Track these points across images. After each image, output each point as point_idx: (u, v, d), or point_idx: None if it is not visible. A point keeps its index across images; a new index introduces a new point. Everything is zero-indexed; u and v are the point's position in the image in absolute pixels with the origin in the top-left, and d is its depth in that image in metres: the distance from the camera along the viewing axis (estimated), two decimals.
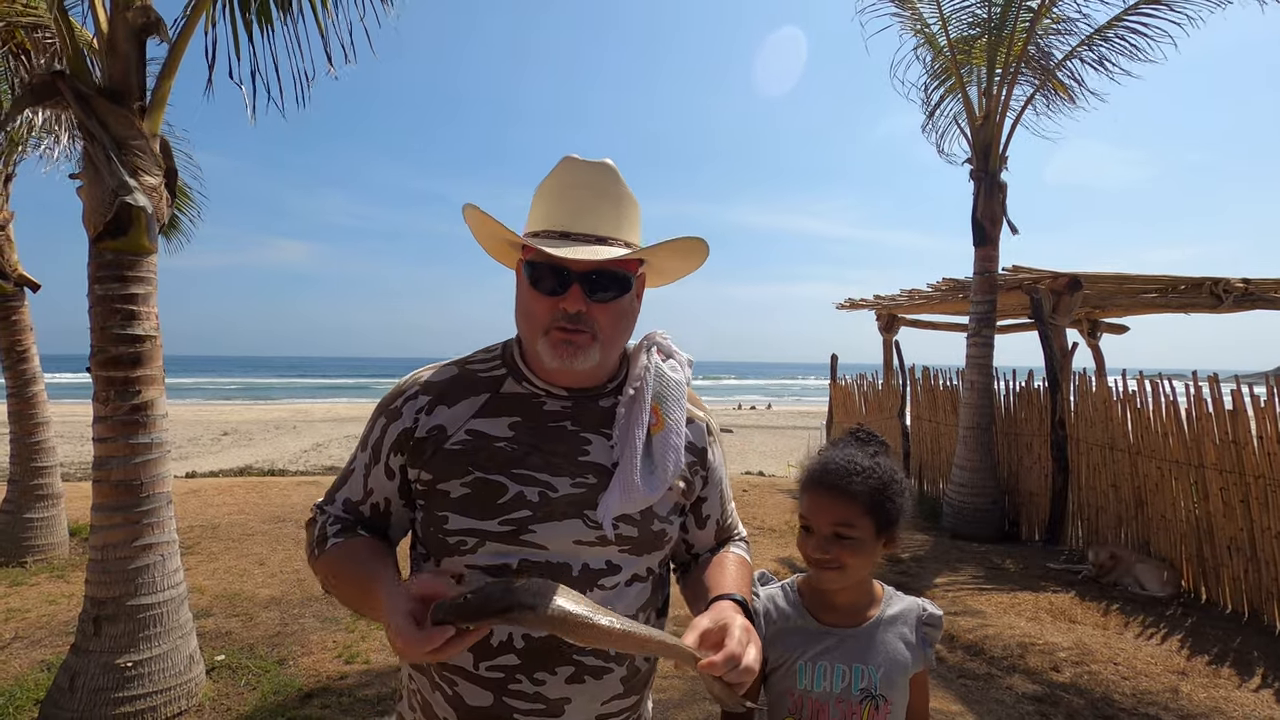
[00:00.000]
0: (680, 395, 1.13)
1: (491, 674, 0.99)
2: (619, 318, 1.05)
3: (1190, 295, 7.26)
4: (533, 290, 1.03)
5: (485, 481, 1.01)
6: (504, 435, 1.04)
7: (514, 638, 0.99)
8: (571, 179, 1.05)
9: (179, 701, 3.06)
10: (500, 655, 0.99)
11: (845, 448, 1.24)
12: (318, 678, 3.47)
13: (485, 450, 1.03)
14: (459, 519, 1.01)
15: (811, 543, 1.19)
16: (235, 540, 6.01)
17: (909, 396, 8.95)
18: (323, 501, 1.14)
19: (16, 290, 5.44)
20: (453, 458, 1.02)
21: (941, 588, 5.13)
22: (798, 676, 1.20)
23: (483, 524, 1.00)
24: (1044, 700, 3.38)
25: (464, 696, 1.00)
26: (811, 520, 1.19)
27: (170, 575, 3.12)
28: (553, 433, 1.05)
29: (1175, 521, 5.13)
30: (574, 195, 1.04)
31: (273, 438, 16.16)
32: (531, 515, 1.00)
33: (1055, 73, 7.01)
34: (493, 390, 1.08)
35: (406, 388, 1.09)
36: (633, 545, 1.05)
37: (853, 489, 1.16)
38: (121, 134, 2.99)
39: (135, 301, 3.04)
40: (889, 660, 1.20)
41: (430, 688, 1.05)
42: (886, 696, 1.19)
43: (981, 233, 6.89)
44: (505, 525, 0.99)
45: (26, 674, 3.46)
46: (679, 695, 3.32)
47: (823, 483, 1.19)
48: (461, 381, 1.09)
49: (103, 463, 3.01)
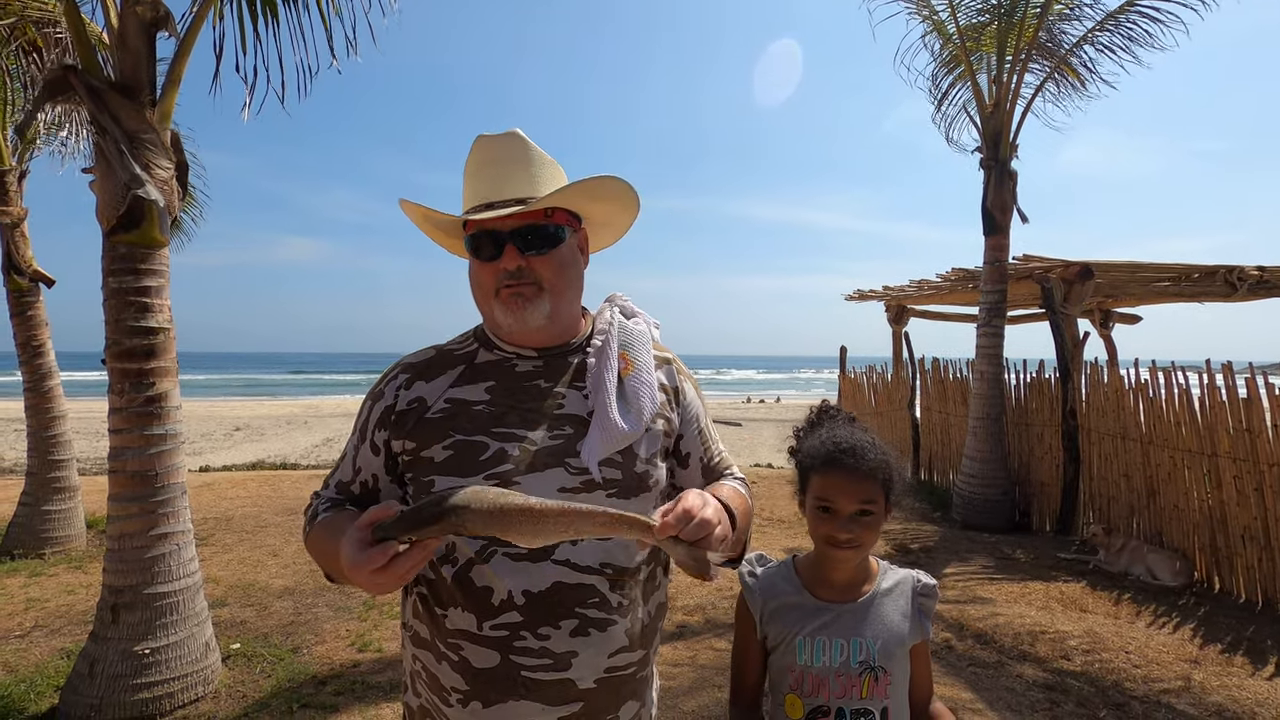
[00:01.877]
0: (645, 342, 1.19)
1: (496, 633, 1.00)
2: (560, 267, 1.12)
3: (1204, 284, 7.18)
4: (476, 260, 1.12)
5: (467, 443, 1.05)
6: (481, 399, 1.10)
7: (514, 594, 1.00)
8: (485, 155, 1.13)
9: (196, 688, 3.10)
10: (503, 613, 1.00)
11: (841, 427, 1.27)
12: (331, 665, 3.51)
13: (464, 414, 1.08)
14: (444, 480, 1.04)
15: (835, 523, 1.19)
16: (249, 532, 6.08)
17: (918, 388, 8.92)
18: (319, 490, 1.20)
19: (31, 286, 5.51)
20: (434, 425, 1.08)
21: (951, 577, 5.12)
22: (797, 652, 1.22)
23: (468, 481, 1.02)
24: (1054, 688, 3.38)
25: (470, 660, 1.01)
26: (834, 501, 1.19)
27: (185, 564, 3.17)
28: (527, 391, 1.11)
29: (1188, 511, 5.09)
30: (490, 169, 1.12)
31: (284, 433, 16.30)
32: (514, 469, 1.04)
33: (1066, 59, 6.93)
34: (468, 362, 1.15)
35: (389, 372, 1.17)
36: (619, 489, 1.06)
37: (870, 467, 1.19)
38: (133, 128, 3.02)
39: (148, 294, 3.08)
40: (886, 632, 1.23)
41: (436, 659, 1.06)
42: (885, 668, 1.20)
43: (992, 222, 6.84)
44: (490, 480, 1.02)
45: (47, 661, 3.52)
46: (688, 682, 3.34)
47: (843, 464, 1.19)
48: (439, 360, 1.16)
49: (118, 453, 3.06)
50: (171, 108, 3.24)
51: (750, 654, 1.28)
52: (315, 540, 1.10)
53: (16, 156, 5.56)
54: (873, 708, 1.19)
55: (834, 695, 1.19)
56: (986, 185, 6.89)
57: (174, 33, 3.19)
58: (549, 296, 1.10)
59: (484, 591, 1.01)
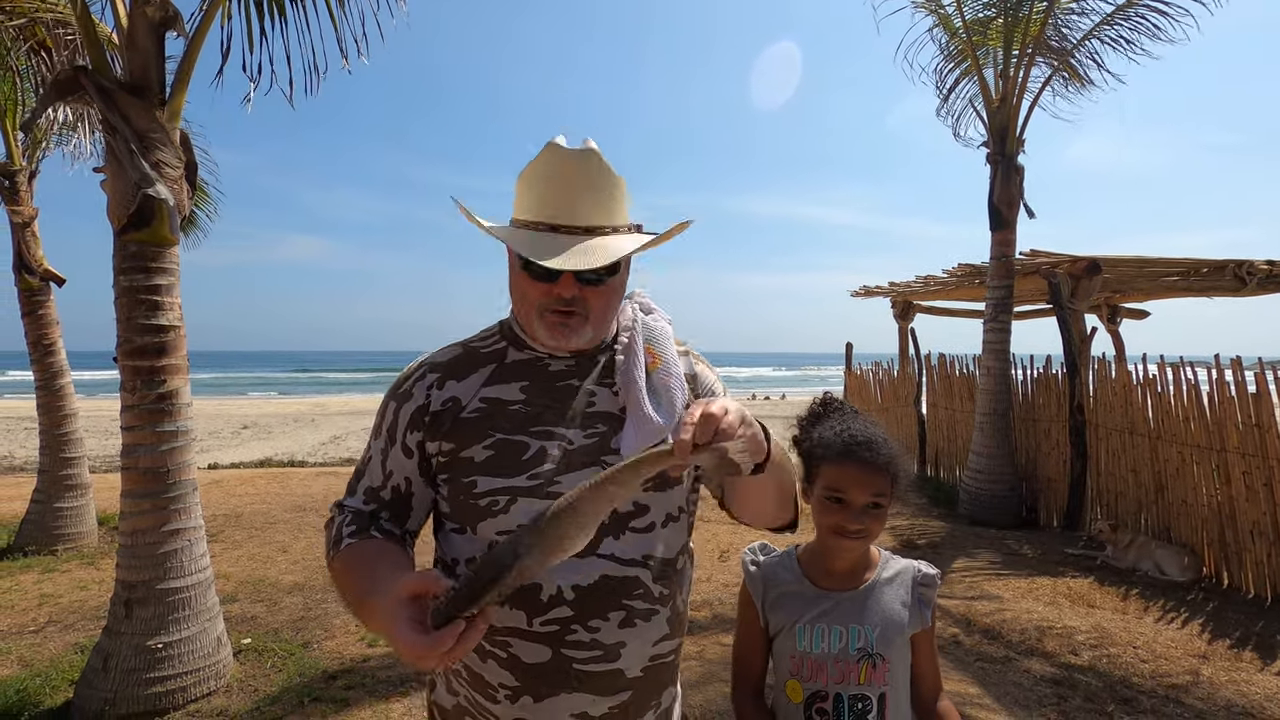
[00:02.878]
0: (668, 337, 1.19)
1: (547, 628, 1.01)
2: (610, 297, 1.10)
3: (1213, 278, 7.14)
4: (525, 275, 1.07)
5: (508, 442, 1.05)
6: (517, 398, 1.08)
7: (563, 590, 1.01)
8: (557, 168, 1.05)
9: (208, 682, 3.13)
10: (553, 609, 1.01)
11: (853, 420, 1.28)
12: (341, 660, 3.54)
13: (502, 413, 1.07)
14: (488, 480, 1.03)
15: (846, 514, 1.21)
16: (258, 529, 6.12)
17: (925, 384, 8.90)
18: (341, 498, 1.16)
19: (43, 285, 5.55)
20: (472, 425, 1.06)
21: (958, 573, 5.11)
22: (797, 638, 1.24)
23: (512, 481, 1.02)
24: (1062, 683, 3.38)
25: (520, 656, 1.02)
26: (847, 493, 1.21)
27: (197, 560, 3.20)
28: (561, 390, 1.10)
29: (1196, 506, 5.07)
30: (561, 185, 1.05)
31: (291, 430, 16.38)
32: (555, 469, 1.04)
33: (1074, 53, 6.90)
34: (498, 361, 1.13)
35: (413, 371, 1.14)
36: (654, 482, 1.06)
37: (881, 459, 1.21)
38: (143, 127, 3.04)
39: (159, 292, 3.11)
40: (885, 620, 1.24)
41: (480, 658, 1.05)
42: (884, 655, 1.22)
43: (998, 217, 6.82)
44: (533, 480, 1.02)
45: (61, 656, 3.56)
46: (695, 676, 3.35)
47: (858, 456, 1.21)
48: (467, 358, 1.14)
49: (131, 450, 3.09)
50: (181, 107, 3.27)
51: (754, 642, 1.30)
52: (342, 574, 1.05)
53: (26, 156, 5.60)
54: (870, 694, 1.21)
55: (831, 680, 1.21)
56: (993, 180, 6.87)
57: (183, 32, 3.21)
58: (593, 324, 1.09)
59: (532, 589, 1.01)
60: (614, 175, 1.09)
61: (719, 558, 5.34)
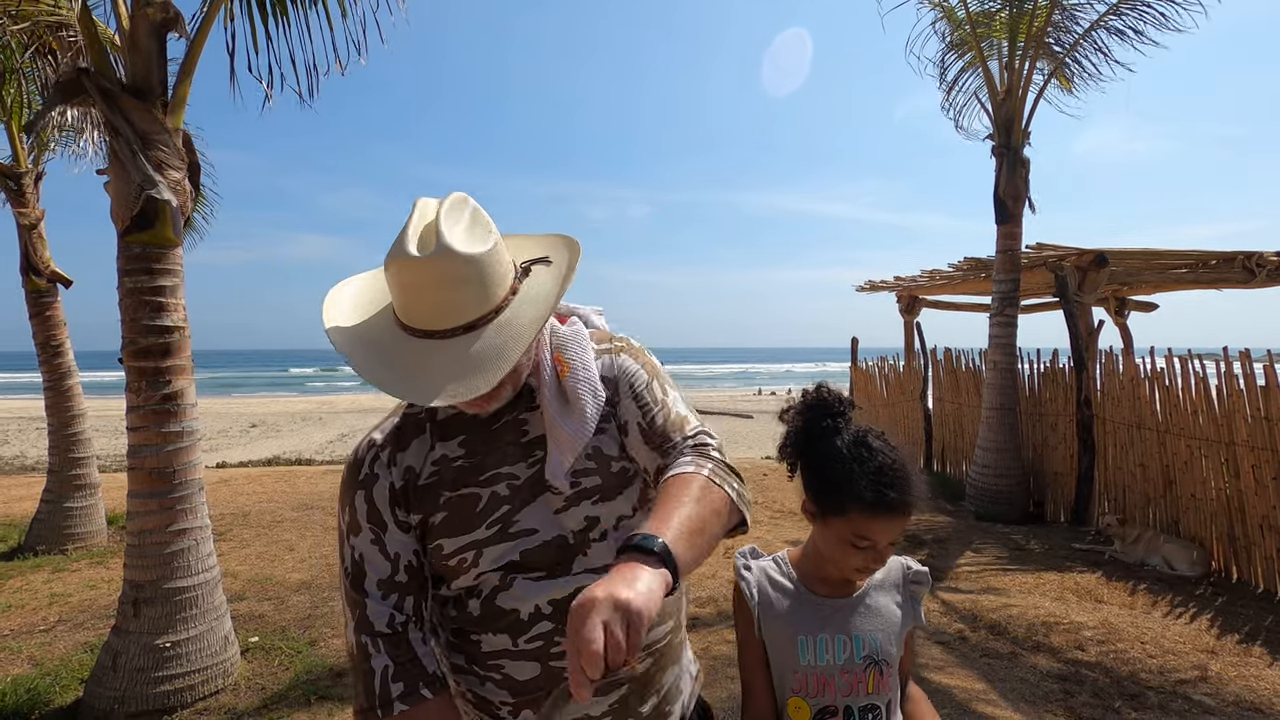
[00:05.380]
0: (578, 340, 1.09)
1: (532, 644, 1.02)
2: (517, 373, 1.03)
3: (1222, 270, 7.07)
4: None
5: (459, 498, 1.04)
6: (458, 454, 1.06)
7: (540, 607, 1.02)
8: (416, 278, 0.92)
9: (216, 680, 3.16)
10: (535, 625, 1.02)
11: (881, 450, 1.12)
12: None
13: (449, 472, 1.05)
14: (451, 541, 1.03)
15: (872, 557, 1.14)
16: (265, 527, 6.16)
17: (931, 379, 8.87)
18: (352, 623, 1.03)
19: (49, 286, 5.59)
20: (427, 492, 1.05)
21: (965, 569, 5.10)
22: (799, 652, 1.18)
23: (472, 536, 1.02)
24: (1068, 678, 3.36)
25: (513, 675, 1.04)
26: (877, 541, 1.12)
27: (204, 559, 3.22)
28: (497, 430, 1.07)
29: (1205, 500, 5.04)
30: (418, 294, 0.93)
31: (299, 429, 16.46)
32: (510, 509, 1.03)
33: (1079, 45, 6.83)
34: (431, 421, 1.09)
35: (363, 455, 1.08)
36: (601, 492, 1.05)
37: (913, 500, 1.12)
38: (145, 129, 3.05)
39: (163, 294, 3.12)
40: (884, 623, 1.20)
41: (479, 682, 1.07)
42: (889, 661, 1.18)
43: (1004, 210, 6.77)
44: (491, 527, 1.02)
45: (71, 655, 3.59)
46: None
47: (891, 505, 1.10)
48: (405, 427, 1.09)
49: (137, 450, 3.11)
50: (183, 108, 3.27)
51: (756, 656, 1.22)
52: None
53: (32, 158, 5.63)
54: (879, 703, 1.17)
55: (840, 694, 1.15)
56: (998, 173, 6.82)
57: (184, 34, 3.21)
58: (511, 387, 1.03)
59: (511, 613, 1.02)
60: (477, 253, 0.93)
61: (723, 553, 5.33)
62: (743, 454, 11.95)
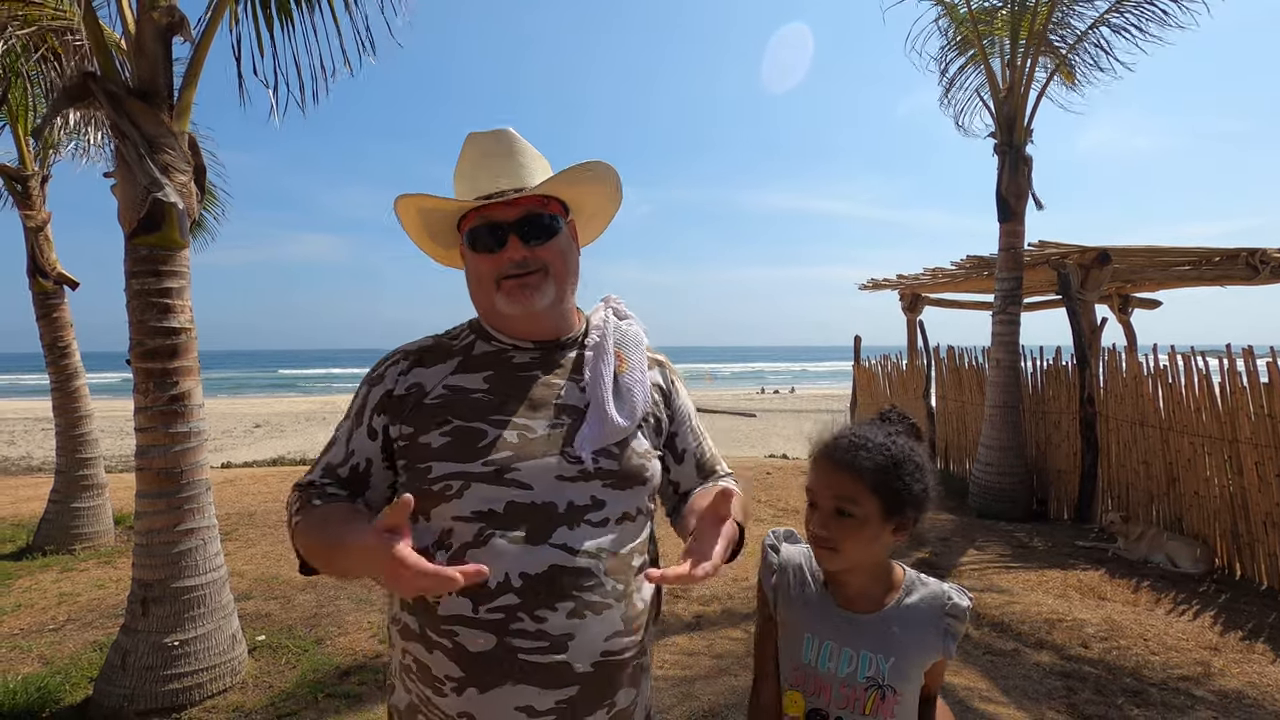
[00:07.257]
0: (638, 343, 1.23)
1: (492, 615, 1.00)
2: (561, 254, 1.16)
3: (1225, 267, 7.06)
4: (476, 254, 1.15)
5: (465, 428, 1.07)
6: (479, 387, 1.11)
7: (510, 578, 1.00)
8: (478, 151, 1.17)
9: (223, 679, 3.18)
10: (499, 596, 1.00)
11: (864, 425, 1.17)
12: (354, 656, 3.58)
13: (463, 401, 1.10)
14: (442, 465, 1.05)
15: (815, 519, 1.13)
16: (271, 527, 6.19)
17: (934, 377, 8.87)
18: (303, 478, 1.17)
19: (56, 288, 5.62)
20: (432, 410, 1.09)
21: (967, 566, 5.11)
22: (804, 647, 1.17)
23: (466, 466, 1.04)
24: (1071, 676, 3.37)
25: (465, 645, 1.01)
26: (815, 493, 1.13)
27: (211, 559, 3.25)
28: (524, 381, 1.13)
29: (1208, 498, 5.04)
30: (484, 164, 1.16)
31: (304, 429, 16.52)
32: (513, 455, 1.05)
33: (1081, 42, 6.82)
34: (465, 354, 1.17)
35: (387, 357, 1.19)
36: (614, 479, 1.08)
37: (859, 464, 1.09)
38: (151, 132, 3.07)
39: (170, 295, 3.14)
40: (901, 652, 1.13)
41: (427, 649, 1.04)
42: (896, 688, 1.12)
43: (1006, 208, 6.77)
44: (488, 466, 1.04)
45: (80, 653, 3.63)
46: (704, 672, 3.37)
47: (830, 455, 1.13)
48: (437, 348, 1.18)
49: (144, 451, 3.13)
50: (189, 110, 3.30)
51: (769, 637, 1.22)
52: (308, 530, 1.07)
53: (39, 161, 5.67)
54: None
55: (835, 704, 1.13)
56: (1001, 171, 6.82)
57: (189, 37, 3.23)
58: (554, 282, 1.14)
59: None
60: (533, 150, 1.20)
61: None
62: (746, 453, 11.97)
